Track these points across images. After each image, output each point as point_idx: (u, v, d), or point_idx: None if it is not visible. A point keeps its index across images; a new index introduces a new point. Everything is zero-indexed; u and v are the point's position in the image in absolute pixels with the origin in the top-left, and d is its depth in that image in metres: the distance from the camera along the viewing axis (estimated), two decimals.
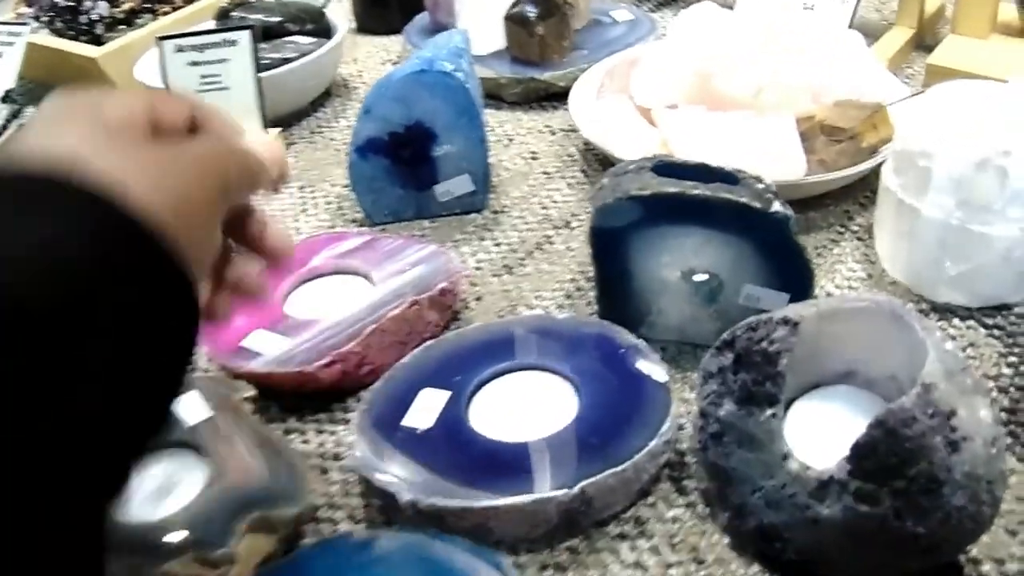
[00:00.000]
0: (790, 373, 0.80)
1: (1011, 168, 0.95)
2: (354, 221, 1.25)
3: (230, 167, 0.60)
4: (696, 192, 0.90)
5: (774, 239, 0.91)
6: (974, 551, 0.80)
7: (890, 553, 0.74)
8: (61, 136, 0.52)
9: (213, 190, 0.57)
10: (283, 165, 0.70)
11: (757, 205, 0.89)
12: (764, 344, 0.79)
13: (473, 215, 1.24)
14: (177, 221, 0.51)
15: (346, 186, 1.26)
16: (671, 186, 0.91)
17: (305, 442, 0.94)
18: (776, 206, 0.90)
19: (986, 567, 0.79)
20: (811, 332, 0.80)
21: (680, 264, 0.96)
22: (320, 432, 0.95)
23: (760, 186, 0.92)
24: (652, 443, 0.83)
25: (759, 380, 0.79)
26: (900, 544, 0.72)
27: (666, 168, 0.94)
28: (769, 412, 0.79)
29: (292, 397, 0.98)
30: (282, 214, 1.26)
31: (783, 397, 0.79)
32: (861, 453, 0.72)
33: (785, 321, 0.79)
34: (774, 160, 1.10)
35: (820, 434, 0.81)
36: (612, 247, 0.96)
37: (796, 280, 0.94)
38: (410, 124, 1.18)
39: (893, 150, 1.05)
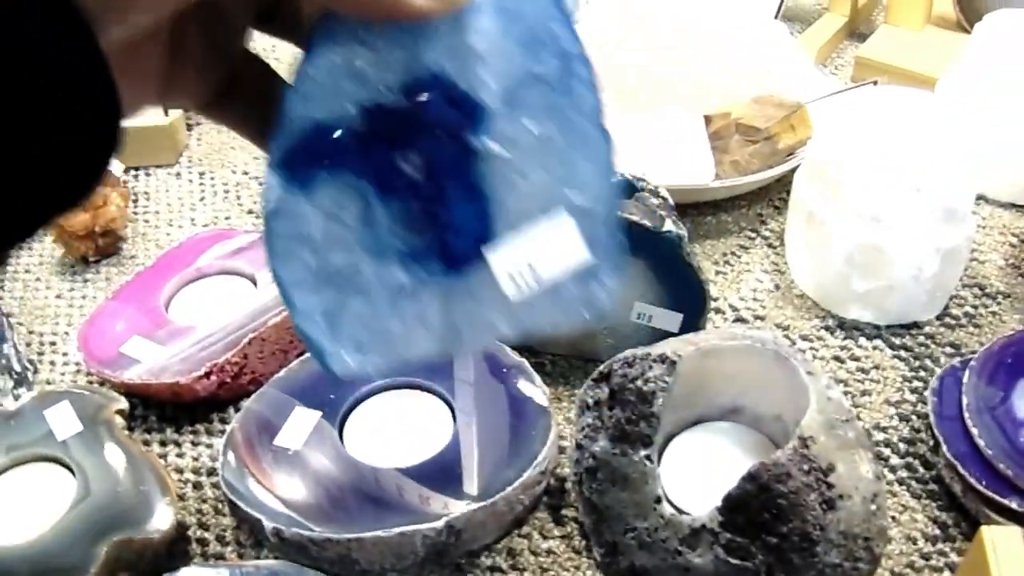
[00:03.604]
0: (669, 410, 0.75)
1: (925, 185, 0.89)
2: (251, 212, 1.17)
3: None
4: None
5: (666, 258, 0.85)
6: None
7: None
8: None
9: None
10: None
11: (647, 224, 0.83)
12: (639, 382, 0.73)
13: None
14: None
15: (246, 172, 1.18)
16: None
17: (180, 455, 0.88)
18: (668, 225, 0.83)
19: None
20: (691, 370, 0.74)
21: None
22: (196, 444, 0.89)
23: (655, 201, 0.86)
24: (526, 474, 0.77)
25: (633, 419, 0.73)
26: None
27: None
28: (643, 453, 0.73)
29: (170, 407, 0.92)
30: (179, 202, 1.19)
31: (658, 438, 0.74)
32: (733, 506, 0.67)
33: (662, 359, 0.73)
34: (682, 163, 1.03)
35: (699, 473, 0.76)
36: None
37: (690, 299, 0.87)
38: (412, 81, 0.44)
39: (806, 157, 0.98)
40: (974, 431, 0.80)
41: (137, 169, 1.23)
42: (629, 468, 0.73)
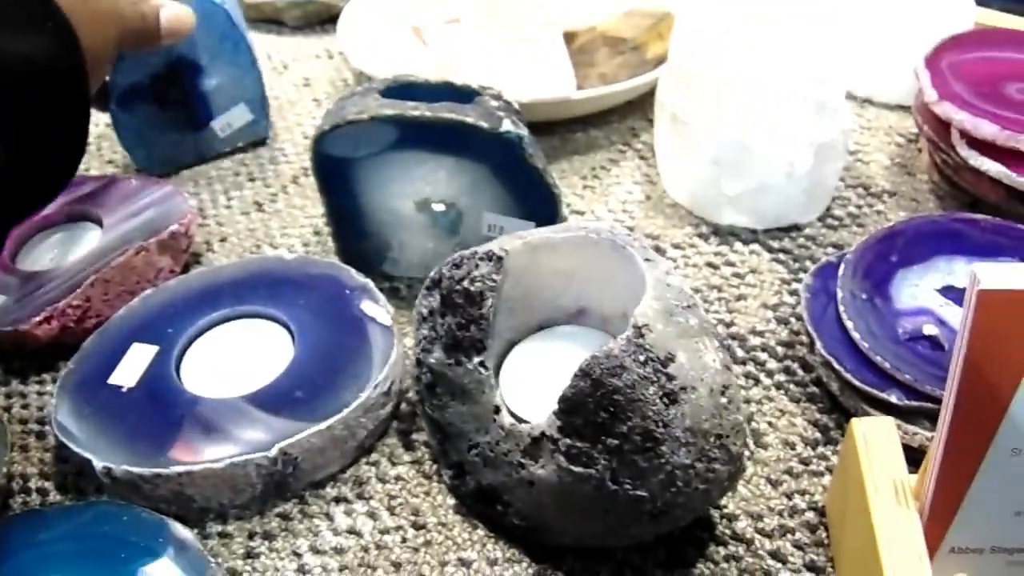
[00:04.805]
0: (504, 313, 0.66)
1: (790, 76, 0.80)
2: (111, 163, 1.08)
3: (129, 25, 0.76)
4: (415, 114, 0.74)
5: (508, 161, 0.76)
6: (730, 505, 0.66)
7: (614, 519, 0.59)
8: None
9: (110, 39, 0.72)
10: (179, 34, 0.84)
11: (484, 125, 0.73)
12: (466, 283, 0.64)
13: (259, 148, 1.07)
14: (81, 29, 0.62)
15: (108, 124, 1.08)
16: (390, 108, 0.75)
17: (25, 406, 0.79)
18: (507, 125, 0.74)
19: (741, 523, 0.65)
20: (522, 266, 0.65)
21: (413, 194, 0.80)
22: (41, 394, 0.80)
23: (494, 103, 0.76)
24: (364, 395, 0.69)
25: (463, 324, 0.64)
26: (622, 509, 0.58)
27: (398, 90, 0.78)
28: (477, 360, 0.64)
29: (16, 358, 0.83)
30: None
31: (494, 344, 0.65)
32: (568, 407, 0.58)
33: (489, 256, 0.64)
34: (542, 77, 0.94)
35: (543, 381, 0.66)
36: (337, 178, 0.80)
37: (540, 205, 0.78)
38: (171, 61, 0.97)
39: (668, 58, 0.88)
40: (849, 324, 0.72)
41: None
42: (465, 378, 0.64)
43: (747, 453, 0.68)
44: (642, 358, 0.56)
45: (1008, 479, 0.53)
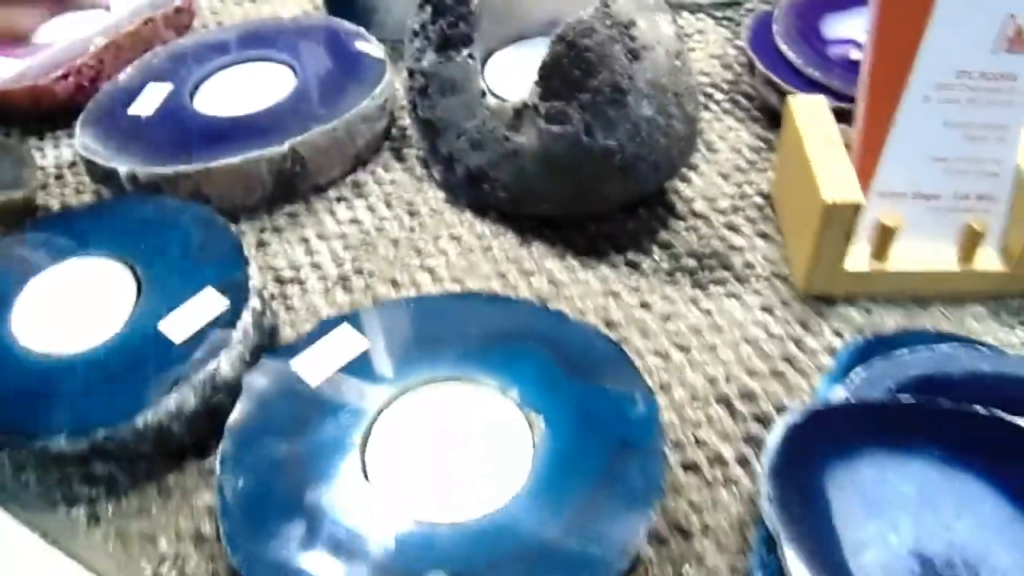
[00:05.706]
0: (488, 19, 0.74)
1: None
2: None
3: None
4: None
5: None
6: (688, 191, 0.76)
7: (588, 175, 0.68)
8: None
9: None
10: None
11: None
12: None
13: None
14: None
15: None
16: None
17: (43, 156, 0.86)
18: None
19: (699, 204, 0.75)
20: None
21: None
22: (58, 147, 0.87)
23: None
24: (363, 104, 0.78)
25: (453, 23, 0.73)
26: (595, 163, 0.67)
27: None
28: (465, 53, 0.73)
29: (34, 120, 0.90)
30: None
31: (479, 47, 0.74)
32: (547, 72, 0.67)
33: None
34: None
35: (520, 77, 0.75)
36: None
37: None
38: None
39: None
40: (784, 48, 0.81)
41: None
42: (454, 71, 0.73)
43: (699, 150, 0.79)
44: (608, 23, 0.65)
45: (922, 126, 0.63)
